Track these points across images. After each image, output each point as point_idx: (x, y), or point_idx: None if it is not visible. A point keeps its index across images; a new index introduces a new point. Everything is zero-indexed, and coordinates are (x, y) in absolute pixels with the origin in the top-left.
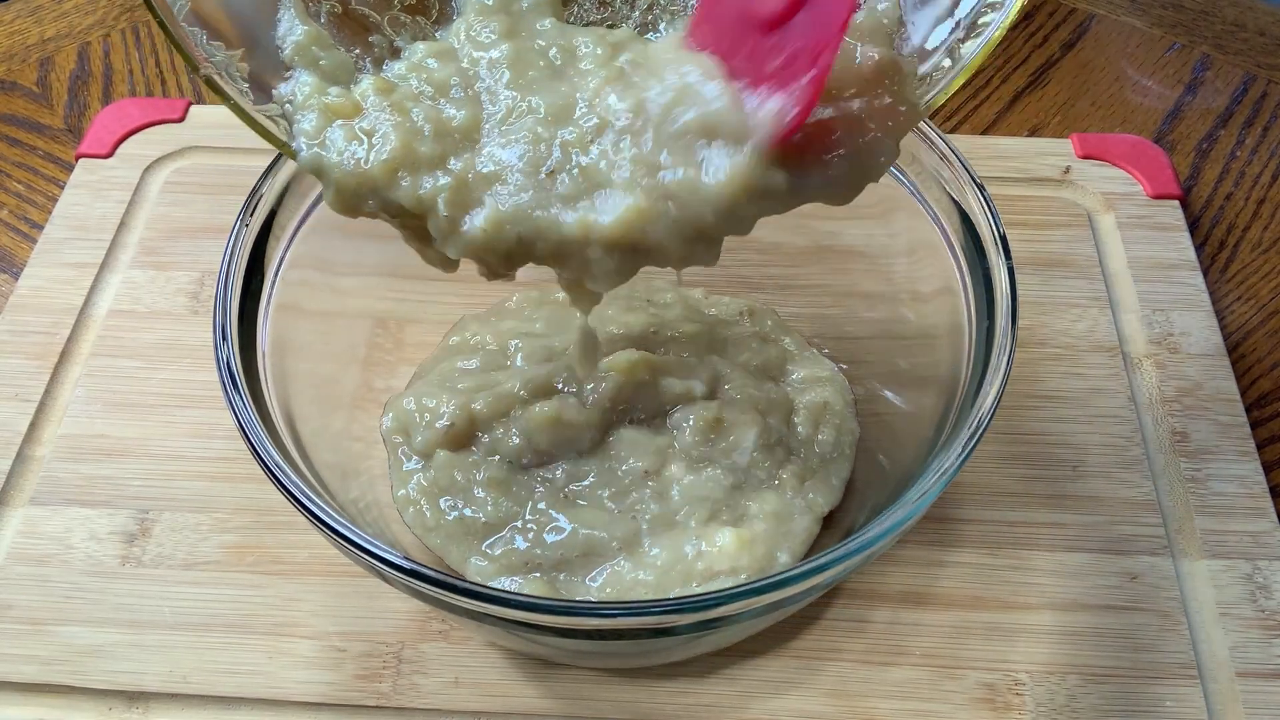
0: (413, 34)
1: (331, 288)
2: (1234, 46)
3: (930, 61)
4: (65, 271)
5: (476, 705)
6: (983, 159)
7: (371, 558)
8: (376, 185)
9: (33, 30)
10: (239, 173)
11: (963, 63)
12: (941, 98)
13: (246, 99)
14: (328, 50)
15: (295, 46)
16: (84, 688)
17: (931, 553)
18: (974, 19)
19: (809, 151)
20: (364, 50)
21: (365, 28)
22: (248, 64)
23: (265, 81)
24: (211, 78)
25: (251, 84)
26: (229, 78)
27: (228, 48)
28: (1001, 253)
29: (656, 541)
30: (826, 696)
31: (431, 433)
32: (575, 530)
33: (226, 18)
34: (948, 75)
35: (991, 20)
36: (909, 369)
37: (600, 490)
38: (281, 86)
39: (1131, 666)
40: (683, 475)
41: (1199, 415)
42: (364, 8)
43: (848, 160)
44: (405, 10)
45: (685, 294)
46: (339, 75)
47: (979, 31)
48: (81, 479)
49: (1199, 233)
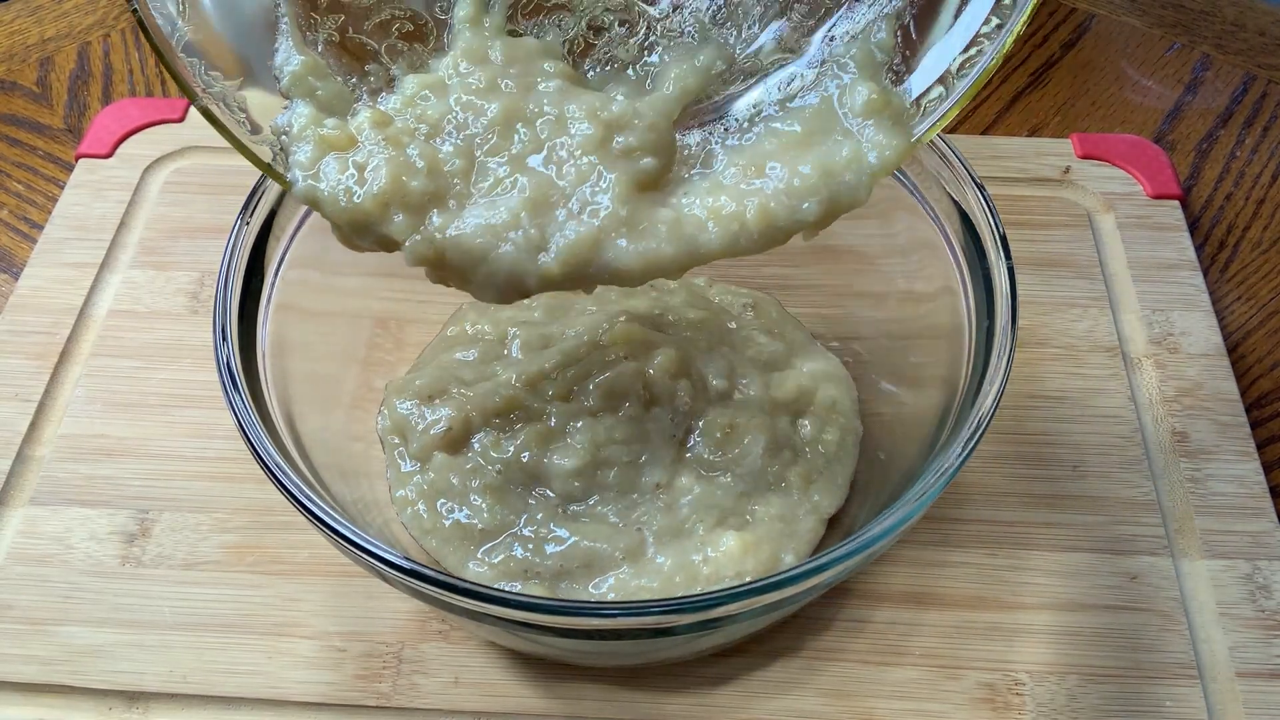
0: (409, 62)
1: (331, 288)
2: (1234, 46)
3: (923, 91)
4: (65, 271)
5: (476, 705)
6: (983, 159)
7: (371, 558)
8: (369, 219)
9: (33, 30)
10: (239, 173)
11: (956, 93)
12: (935, 130)
13: (244, 129)
14: (324, 80)
15: (292, 76)
16: (84, 688)
17: (931, 553)
18: (968, 48)
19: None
20: (360, 79)
21: (362, 56)
22: (245, 94)
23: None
24: (208, 108)
25: (247, 114)
26: (226, 108)
27: (225, 77)
28: (1001, 253)
29: (662, 550)
30: (826, 696)
31: (428, 438)
32: (577, 542)
33: (224, 47)
34: (941, 106)
35: (986, 50)
36: (909, 369)
37: (604, 508)
38: (278, 118)
39: (1131, 666)
40: (693, 485)
41: (1199, 415)
42: (361, 36)
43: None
44: (402, 38)
45: (689, 281)
46: (335, 105)
47: (972, 62)
48: (81, 479)
49: (1199, 233)
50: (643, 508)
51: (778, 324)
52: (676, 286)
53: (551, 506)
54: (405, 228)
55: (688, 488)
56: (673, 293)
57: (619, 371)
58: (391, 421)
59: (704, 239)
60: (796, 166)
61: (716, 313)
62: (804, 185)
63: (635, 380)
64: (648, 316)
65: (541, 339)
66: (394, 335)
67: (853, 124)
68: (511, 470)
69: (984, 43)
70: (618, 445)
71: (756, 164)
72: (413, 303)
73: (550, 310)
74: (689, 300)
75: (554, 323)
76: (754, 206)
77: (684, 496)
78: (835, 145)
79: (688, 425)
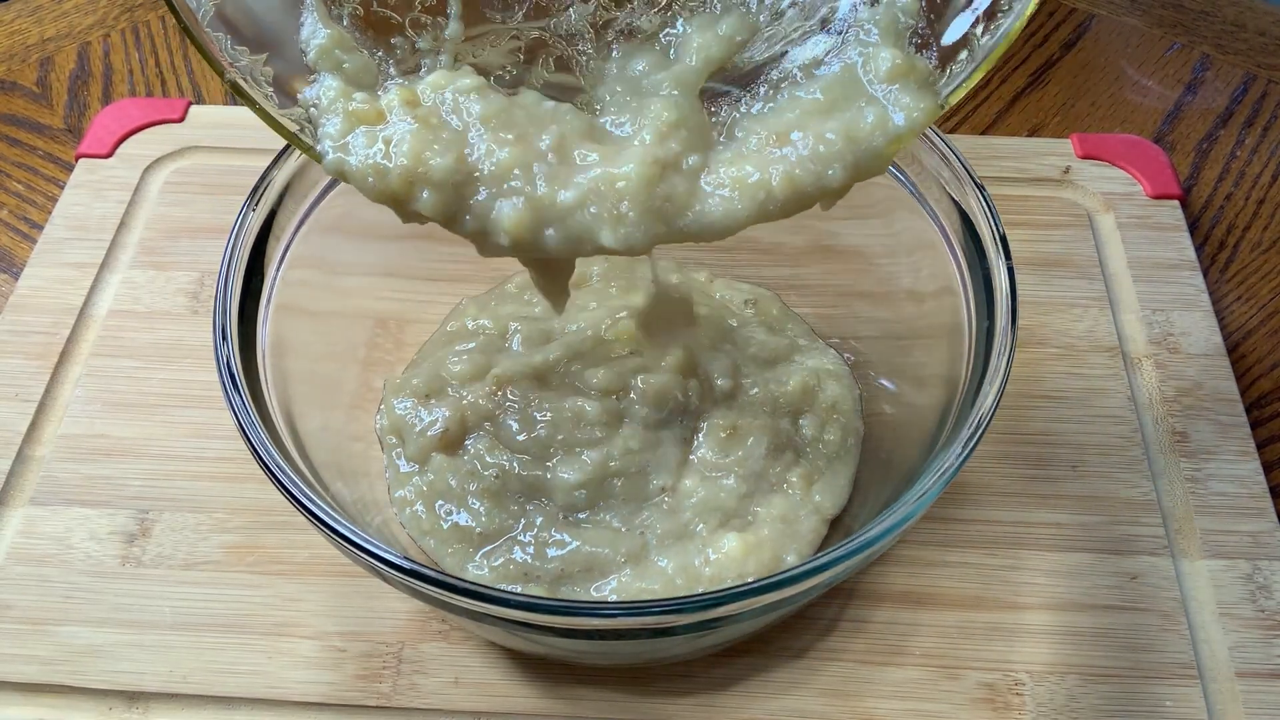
0: (433, 35)
1: (331, 288)
2: (1234, 46)
3: (948, 55)
4: (65, 271)
5: (476, 705)
6: (983, 159)
7: (371, 558)
8: (395, 194)
9: (33, 30)
10: (239, 173)
11: (981, 56)
12: (960, 93)
13: (271, 103)
14: (350, 53)
15: (319, 50)
16: (84, 688)
17: (931, 553)
18: (992, 11)
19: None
20: (386, 52)
21: (388, 30)
22: (272, 68)
23: (290, 85)
24: (236, 82)
25: (276, 88)
26: (254, 82)
27: (251, 52)
28: (1001, 253)
29: (664, 552)
30: (826, 696)
31: (424, 439)
32: (579, 547)
33: (250, 22)
34: (966, 69)
35: (1012, 10)
36: (909, 369)
37: (608, 515)
38: (306, 90)
39: (1131, 666)
40: (698, 488)
41: (1199, 415)
42: (385, 9)
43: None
44: (426, 11)
45: (691, 277)
46: (362, 79)
47: (997, 24)
48: (81, 479)
49: (1199, 233)
50: (647, 512)
51: (779, 321)
52: (678, 282)
53: (553, 513)
54: (436, 205)
55: (692, 490)
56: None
57: (623, 370)
58: (389, 421)
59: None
60: (821, 132)
61: (718, 309)
62: (829, 151)
63: (650, 384)
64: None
65: (542, 334)
66: (394, 335)
67: (878, 90)
68: (509, 476)
69: (1008, 4)
70: (632, 455)
71: (780, 132)
72: (413, 303)
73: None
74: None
75: (555, 317)
76: (779, 174)
77: (688, 499)
78: (859, 111)
79: (694, 426)
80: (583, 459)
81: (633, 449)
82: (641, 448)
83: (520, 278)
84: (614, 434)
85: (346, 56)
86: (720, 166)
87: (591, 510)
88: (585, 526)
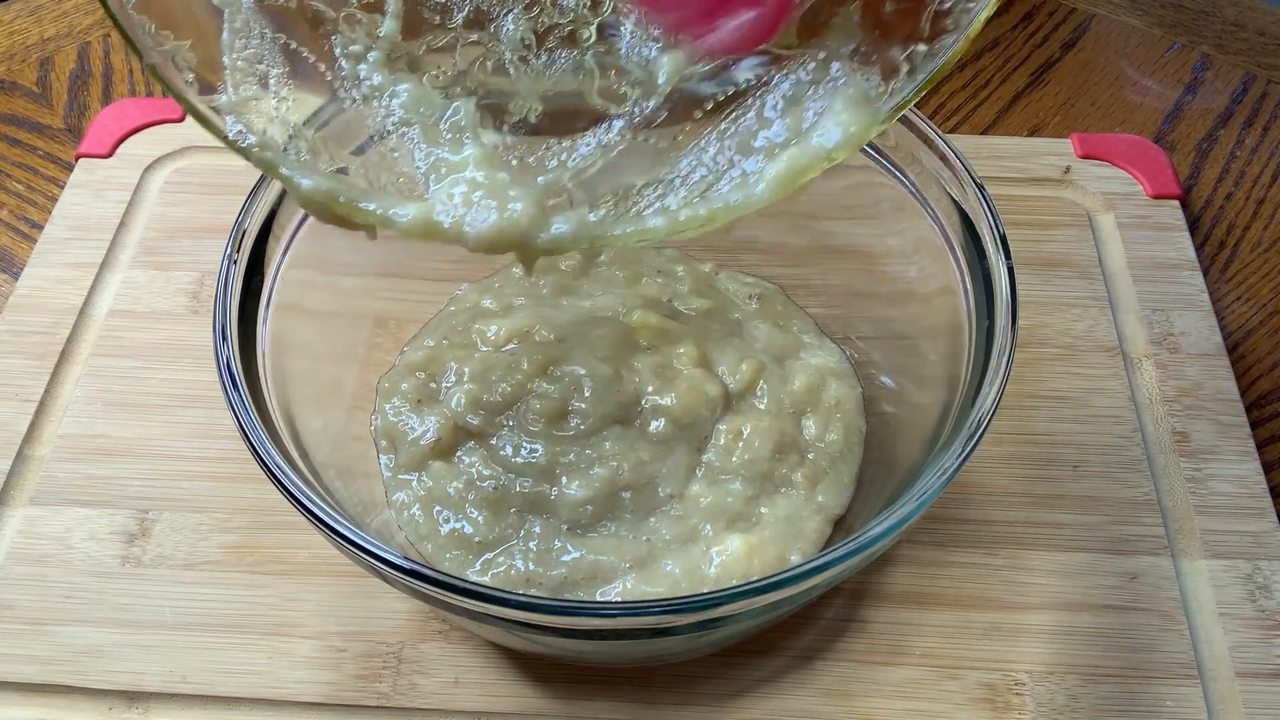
0: (367, 31)
1: (331, 288)
2: (1234, 46)
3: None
4: (65, 271)
5: (476, 705)
6: (983, 159)
7: (371, 558)
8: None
9: (33, 30)
10: (239, 173)
11: (921, 77)
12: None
13: (192, 89)
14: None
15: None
16: (84, 688)
17: (931, 553)
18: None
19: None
20: (316, 51)
21: (318, 24)
22: (195, 55)
23: (212, 78)
24: (156, 67)
25: (198, 77)
26: (175, 66)
27: (176, 37)
28: (1001, 253)
29: (668, 556)
30: (826, 696)
31: (418, 448)
32: (583, 556)
33: (175, 7)
34: (906, 86)
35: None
36: (910, 368)
37: (610, 524)
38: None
39: (1131, 666)
40: (705, 492)
41: (1199, 415)
42: (318, 3)
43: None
44: (362, 8)
45: (695, 268)
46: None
47: (941, 45)
48: (81, 479)
49: (1199, 233)
50: (654, 519)
51: (783, 316)
52: (684, 273)
53: (556, 526)
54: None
55: (700, 495)
56: (680, 279)
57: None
58: (382, 427)
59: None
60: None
61: (722, 303)
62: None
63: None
64: (657, 301)
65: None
66: (394, 335)
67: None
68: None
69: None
70: (642, 466)
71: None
72: (413, 303)
73: (559, 289)
74: (695, 288)
75: (560, 303)
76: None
77: (696, 504)
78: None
79: (706, 433)
80: (590, 475)
81: (644, 460)
82: (652, 459)
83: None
84: (627, 450)
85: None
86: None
87: (598, 523)
88: (591, 537)
